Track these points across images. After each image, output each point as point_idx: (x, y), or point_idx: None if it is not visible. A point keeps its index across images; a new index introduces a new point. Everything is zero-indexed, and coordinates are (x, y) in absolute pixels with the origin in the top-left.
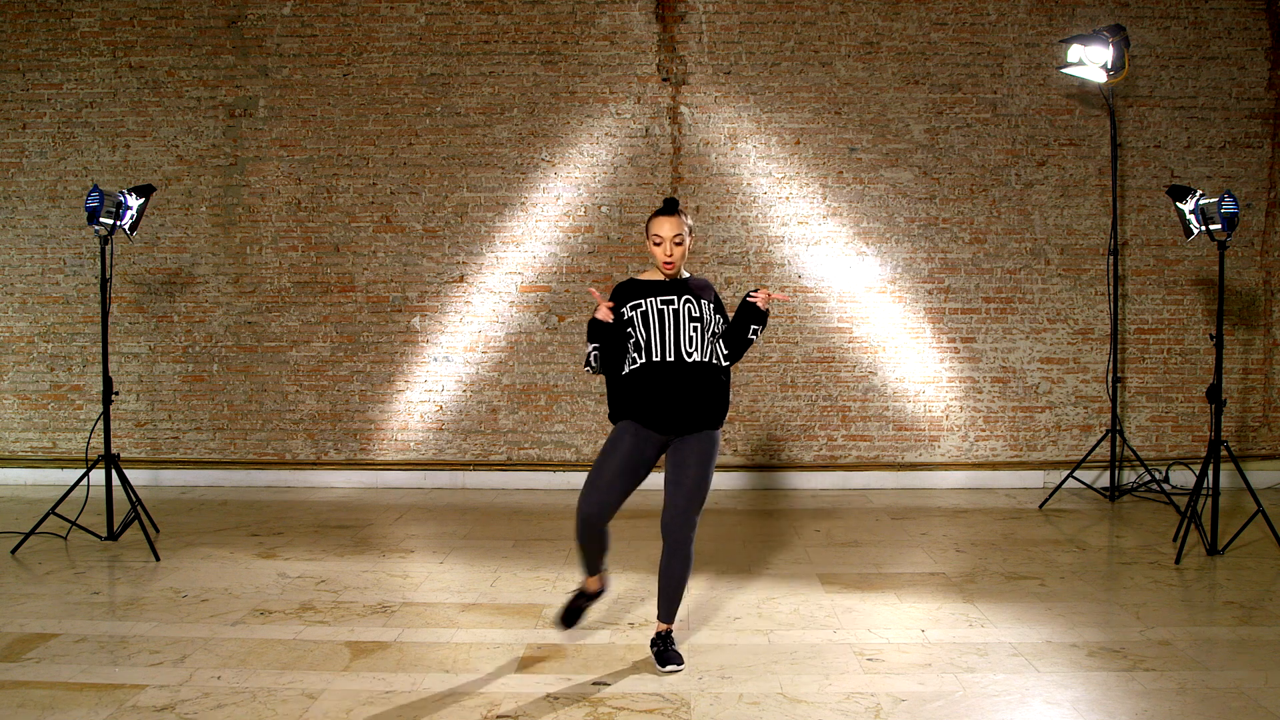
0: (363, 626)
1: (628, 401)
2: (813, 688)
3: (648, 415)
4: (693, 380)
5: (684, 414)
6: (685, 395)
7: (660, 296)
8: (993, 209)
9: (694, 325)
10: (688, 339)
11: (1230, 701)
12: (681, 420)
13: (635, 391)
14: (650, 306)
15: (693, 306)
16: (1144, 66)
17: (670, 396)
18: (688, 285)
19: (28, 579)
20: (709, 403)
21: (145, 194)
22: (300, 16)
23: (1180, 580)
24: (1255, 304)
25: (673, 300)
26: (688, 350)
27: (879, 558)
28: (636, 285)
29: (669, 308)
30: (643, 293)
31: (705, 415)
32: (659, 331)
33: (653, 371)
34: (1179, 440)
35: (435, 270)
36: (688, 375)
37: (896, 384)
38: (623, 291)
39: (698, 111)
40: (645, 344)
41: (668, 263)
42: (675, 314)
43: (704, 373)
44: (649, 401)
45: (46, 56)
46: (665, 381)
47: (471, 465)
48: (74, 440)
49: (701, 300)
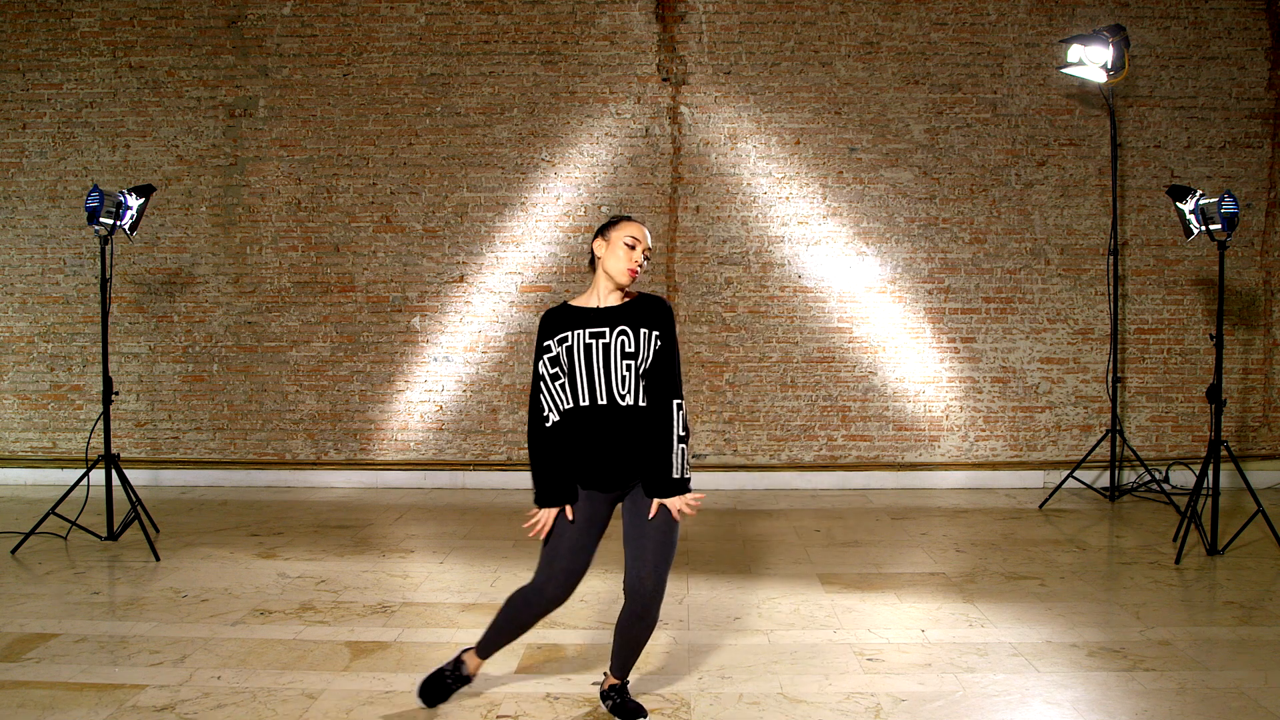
0: (363, 626)
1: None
2: (813, 688)
3: (583, 474)
4: (629, 426)
5: (625, 466)
6: (623, 444)
7: (590, 329)
8: (993, 209)
9: (627, 364)
10: (620, 379)
11: (1230, 701)
12: (624, 473)
13: (564, 445)
14: (576, 342)
15: (627, 340)
16: (1144, 66)
17: (605, 448)
18: (626, 312)
19: (28, 579)
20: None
21: (145, 194)
22: (300, 16)
23: (1180, 580)
24: (1255, 304)
25: (603, 333)
26: (619, 392)
27: (879, 558)
28: (566, 314)
29: (598, 341)
30: (570, 323)
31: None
32: (585, 371)
33: (582, 418)
34: (1179, 440)
35: (435, 270)
36: (623, 421)
37: (896, 384)
38: (550, 322)
39: (698, 111)
40: (571, 385)
41: (633, 270)
42: (605, 349)
43: (640, 418)
44: (581, 456)
45: (46, 56)
46: (597, 430)
47: (471, 465)
48: (74, 440)
49: (640, 330)
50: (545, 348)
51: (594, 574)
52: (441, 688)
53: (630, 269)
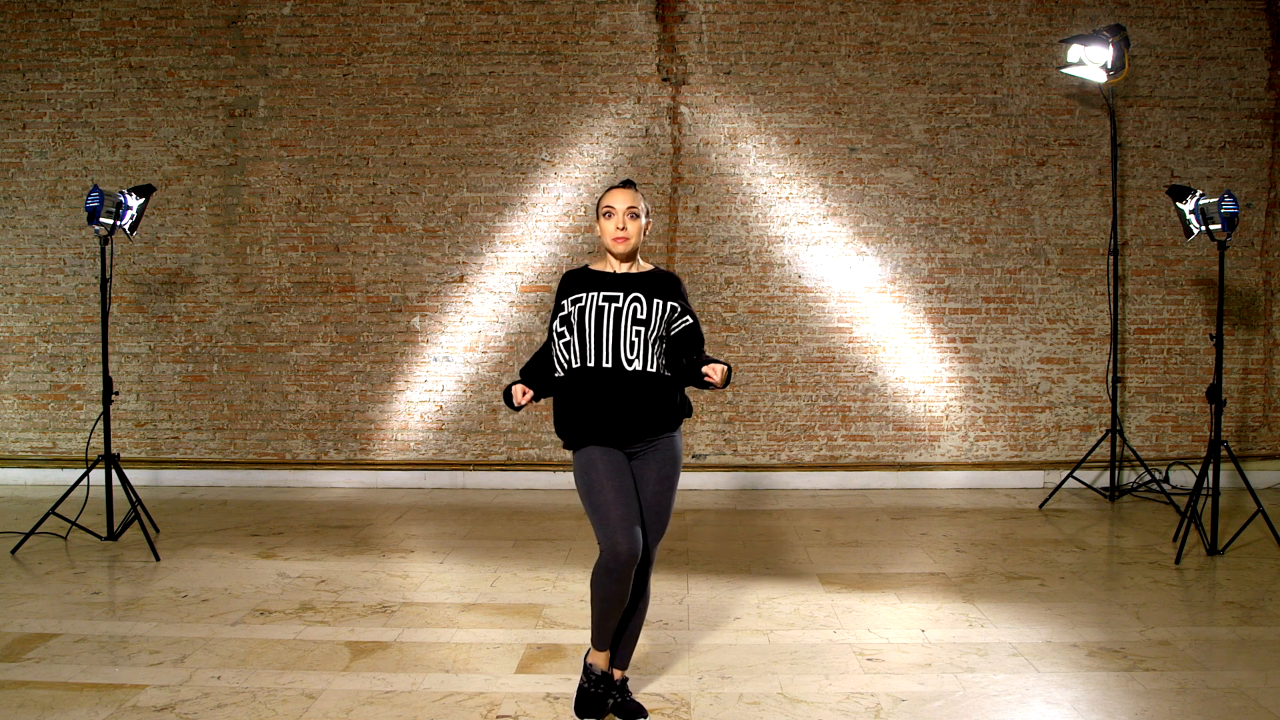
0: (363, 626)
1: (568, 413)
2: (813, 688)
3: (591, 430)
4: (632, 390)
5: (626, 426)
6: (625, 406)
7: (604, 292)
8: (993, 209)
9: (637, 330)
10: (628, 344)
11: (1230, 701)
12: (625, 433)
13: (574, 402)
14: (589, 303)
15: (639, 307)
16: (1144, 66)
17: (608, 408)
18: (641, 281)
19: (28, 579)
20: (655, 410)
21: (145, 194)
22: (300, 16)
23: (1180, 580)
24: (1255, 304)
25: (617, 298)
26: (627, 357)
27: (879, 558)
28: (584, 276)
29: (610, 305)
30: (586, 285)
31: (653, 421)
32: (594, 333)
33: (587, 379)
34: (1179, 440)
35: (435, 270)
36: (626, 385)
37: (896, 384)
38: (568, 282)
39: (698, 111)
40: (580, 346)
41: (618, 237)
42: (617, 313)
43: (646, 383)
44: (588, 414)
45: (46, 56)
46: (601, 391)
47: (471, 465)
48: (74, 440)
49: (654, 300)
50: (560, 307)
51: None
52: (593, 700)
53: (615, 237)
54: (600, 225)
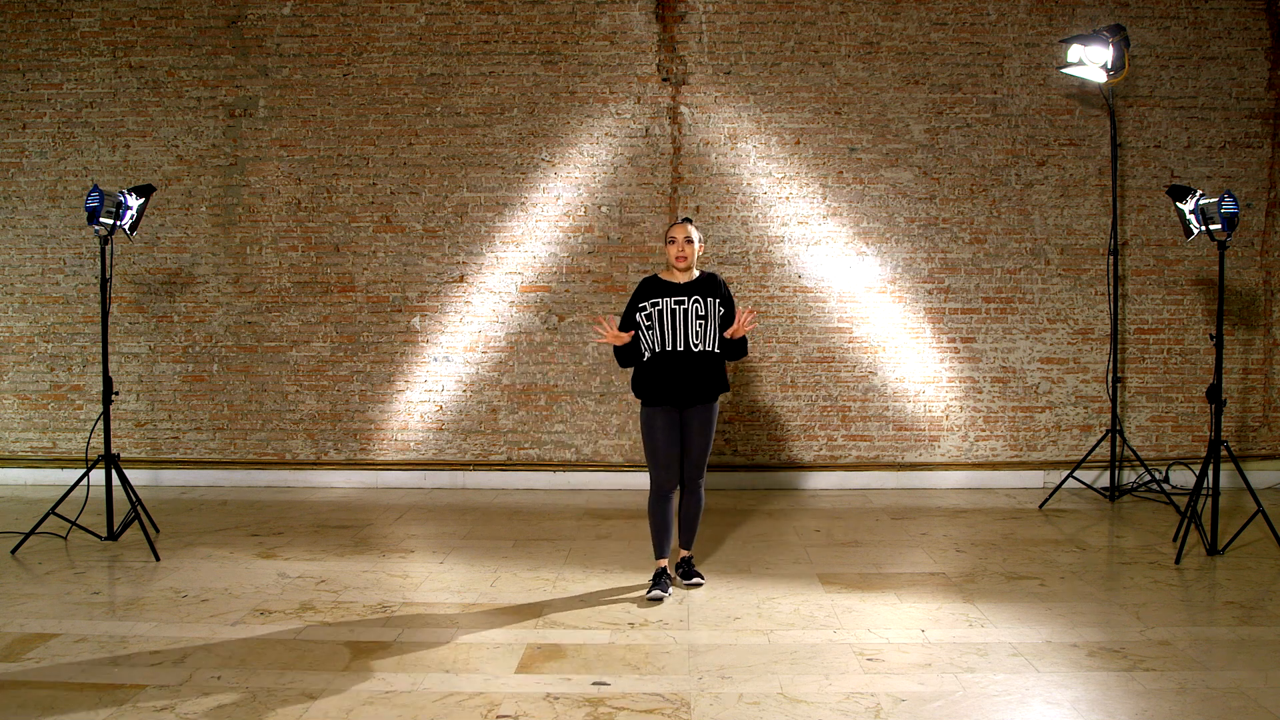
0: (363, 626)
1: (648, 382)
2: (813, 688)
3: (663, 393)
4: (697, 365)
5: (690, 391)
6: (691, 377)
7: (674, 297)
8: (993, 209)
9: (700, 322)
10: (694, 332)
11: (1230, 701)
12: (688, 396)
13: (653, 374)
14: (665, 306)
15: (700, 305)
16: (1144, 66)
17: (680, 378)
18: (697, 285)
19: (28, 579)
20: (710, 382)
21: (145, 194)
22: (300, 16)
23: (1180, 580)
24: (1255, 304)
25: (684, 300)
26: (694, 342)
27: (879, 558)
28: (658, 284)
29: (680, 307)
30: (660, 292)
31: (707, 391)
32: (671, 327)
33: (666, 359)
34: (1179, 440)
35: (435, 270)
36: (693, 362)
37: (896, 384)
38: (646, 288)
39: (698, 111)
40: (660, 337)
41: (680, 257)
42: (685, 312)
43: (706, 360)
44: (663, 382)
45: (46, 56)
46: (676, 367)
47: (471, 465)
48: (74, 440)
49: (708, 299)
50: (640, 306)
51: (594, 576)
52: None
53: (678, 257)
54: (667, 249)
